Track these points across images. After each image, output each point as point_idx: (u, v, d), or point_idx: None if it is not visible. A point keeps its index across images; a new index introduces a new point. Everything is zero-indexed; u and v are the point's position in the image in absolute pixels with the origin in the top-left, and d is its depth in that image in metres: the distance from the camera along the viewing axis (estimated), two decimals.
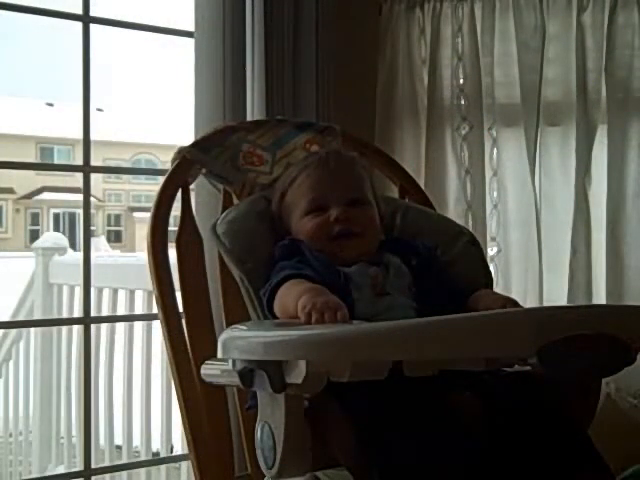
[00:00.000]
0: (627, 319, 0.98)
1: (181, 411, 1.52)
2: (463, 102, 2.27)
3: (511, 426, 1.18)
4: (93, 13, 2.05)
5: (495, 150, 2.30)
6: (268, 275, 1.36)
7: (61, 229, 20.58)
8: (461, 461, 1.08)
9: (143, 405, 2.89)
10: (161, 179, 1.60)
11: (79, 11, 2.04)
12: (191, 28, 2.02)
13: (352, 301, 1.32)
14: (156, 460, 2.85)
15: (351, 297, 1.33)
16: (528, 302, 2.20)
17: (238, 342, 1.11)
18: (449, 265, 1.52)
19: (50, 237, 4.14)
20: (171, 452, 2.90)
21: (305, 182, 1.48)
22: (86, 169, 2.09)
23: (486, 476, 1.11)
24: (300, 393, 1.07)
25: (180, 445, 2.84)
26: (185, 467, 2.71)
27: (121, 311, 3.08)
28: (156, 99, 29.12)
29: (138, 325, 2.91)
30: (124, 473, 2.92)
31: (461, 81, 2.27)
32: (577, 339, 0.90)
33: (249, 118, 1.96)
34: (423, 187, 1.95)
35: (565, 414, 1.21)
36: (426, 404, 1.14)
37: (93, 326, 2.33)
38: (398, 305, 1.36)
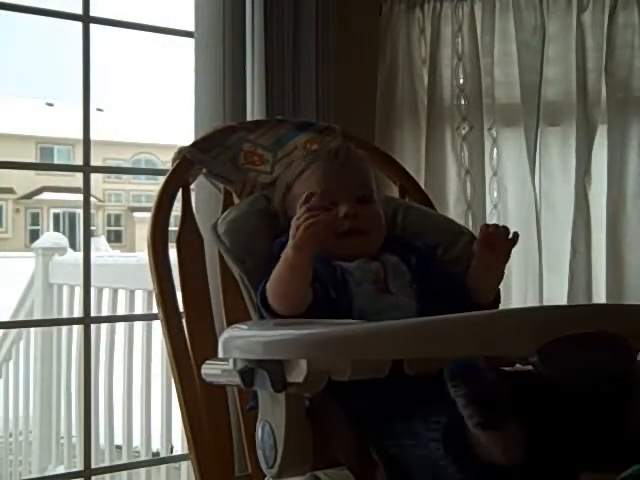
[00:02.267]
0: (627, 318, 0.98)
1: (181, 411, 1.52)
2: (463, 102, 2.27)
3: None
4: (93, 13, 2.05)
5: (495, 150, 2.30)
6: (268, 274, 1.36)
7: (61, 229, 20.56)
8: (462, 461, 1.07)
9: (143, 405, 2.89)
10: (161, 179, 1.60)
11: (79, 11, 2.04)
12: (191, 28, 2.02)
13: (349, 295, 1.33)
14: (156, 460, 2.86)
15: (348, 292, 1.33)
16: (528, 302, 2.20)
17: (239, 341, 1.11)
18: (450, 265, 1.52)
19: (50, 237, 4.14)
20: (171, 452, 2.90)
21: (314, 175, 1.46)
22: (86, 169, 2.09)
23: (487, 475, 1.11)
24: (301, 392, 1.07)
25: (180, 445, 2.84)
26: (185, 467, 2.71)
27: (121, 311, 3.08)
28: (156, 99, 29.12)
29: (138, 325, 2.91)
30: (124, 473, 2.92)
31: (461, 81, 2.28)
32: (577, 338, 0.90)
33: (249, 118, 1.96)
34: (423, 187, 1.95)
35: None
36: (426, 403, 1.14)
37: (93, 326, 2.33)
38: (399, 305, 1.36)
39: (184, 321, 1.52)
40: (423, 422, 1.10)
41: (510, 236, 1.40)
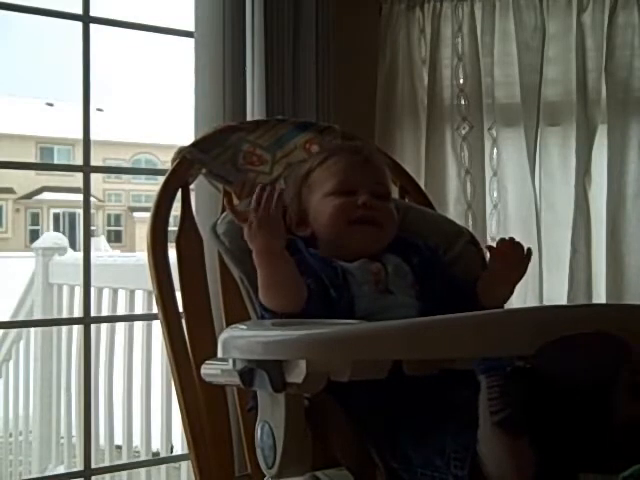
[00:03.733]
0: (627, 318, 0.98)
1: (181, 411, 1.52)
2: (463, 102, 2.27)
3: None
4: (93, 13, 2.05)
5: (495, 150, 2.30)
6: None
7: (61, 229, 20.58)
8: (462, 460, 1.07)
9: (143, 405, 2.88)
10: (161, 179, 1.60)
11: (79, 11, 2.04)
12: (191, 28, 2.02)
13: (350, 296, 1.33)
14: (156, 460, 2.85)
15: (349, 292, 1.34)
16: (528, 302, 2.20)
17: (238, 342, 1.11)
18: (449, 265, 1.52)
19: (50, 237, 4.14)
20: (171, 452, 2.90)
21: (336, 164, 1.48)
22: (86, 169, 2.09)
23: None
24: (300, 392, 1.07)
25: (180, 445, 2.84)
26: (185, 467, 2.71)
27: (121, 311, 3.08)
28: (156, 99, 29.14)
29: (138, 325, 2.91)
30: (124, 473, 2.92)
31: (461, 81, 2.28)
32: (577, 338, 0.90)
33: (249, 118, 1.96)
34: (423, 187, 1.95)
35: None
36: (426, 403, 1.14)
37: (93, 326, 2.34)
38: (400, 304, 1.36)
39: (184, 321, 1.53)
40: (440, 454, 1.09)
41: (525, 252, 1.40)
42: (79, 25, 2.03)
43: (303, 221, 1.47)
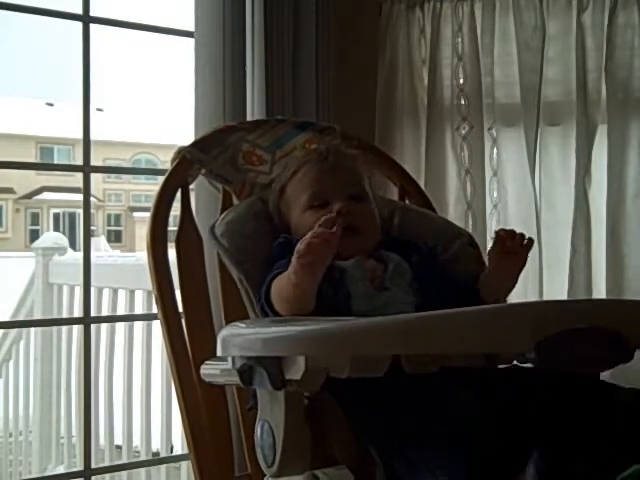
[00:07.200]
0: (625, 313, 0.98)
1: (181, 411, 1.52)
2: (463, 102, 2.27)
3: (510, 422, 1.18)
4: (93, 13, 2.05)
5: (495, 150, 2.30)
6: (266, 275, 1.36)
7: (61, 229, 20.56)
8: (461, 460, 1.08)
9: (143, 405, 2.89)
10: (161, 179, 1.60)
11: (79, 11, 2.04)
12: (191, 28, 2.02)
13: (347, 295, 1.33)
14: (156, 460, 2.85)
15: (347, 290, 1.34)
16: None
17: (237, 339, 1.11)
18: (447, 265, 1.52)
19: (50, 237, 4.15)
20: (171, 452, 2.90)
21: (306, 176, 1.49)
22: (86, 169, 2.09)
23: (487, 474, 1.11)
24: (299, 389, 1.06)
25: (180, 445, 2.84)
26: (185, 467, 2.71)
27: (121, 311, 3.08)
28: (156, 99, 29.11)
29: (138, 325, 2.91)
30: (124, 473, 2.92)
31: (461, 81, 2.28)
32: (574, 333, 0.90)
33: (249, 118, 1.96)
34: (423, 187, 1.95)
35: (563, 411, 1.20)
36: (425, 401, 1.14)
37: (93, 326, 2.34)
38: (397, 301, 1.36)
39: (184, 321, 1.53)
40: (421, 420, 1.10)
41: (525, 242, 1.39)
42: (79, 25, 2.03)
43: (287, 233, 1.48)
